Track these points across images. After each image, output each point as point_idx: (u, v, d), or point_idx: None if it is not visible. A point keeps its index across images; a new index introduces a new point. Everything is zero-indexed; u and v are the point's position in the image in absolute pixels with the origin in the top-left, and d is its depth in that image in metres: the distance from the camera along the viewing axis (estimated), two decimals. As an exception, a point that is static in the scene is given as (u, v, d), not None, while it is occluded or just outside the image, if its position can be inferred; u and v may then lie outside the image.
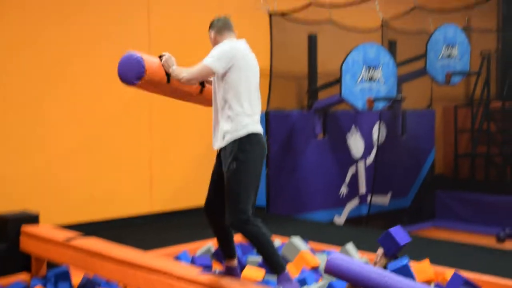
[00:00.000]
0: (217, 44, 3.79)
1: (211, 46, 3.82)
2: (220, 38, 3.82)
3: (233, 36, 3.85)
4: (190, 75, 3.67)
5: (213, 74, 3.69)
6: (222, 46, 3.70)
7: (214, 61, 3.63)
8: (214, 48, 3.74)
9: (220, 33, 3.83)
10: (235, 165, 3.59)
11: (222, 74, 3.66)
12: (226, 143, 3.66)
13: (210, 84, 3.97)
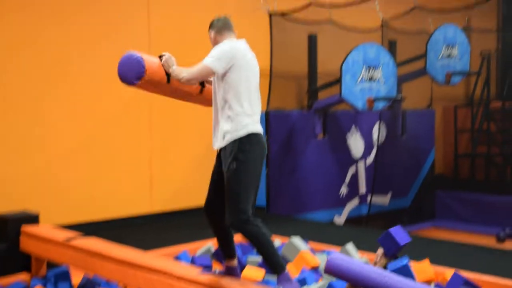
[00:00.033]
0: (217, 44, 3.79)
1: (211, 46, 3.82)
2: (220, 38, 3.82)
3: (233, 36, 3.85)
4: (190, 75, 3.67)
5: (213, 74, 3.69)
6: (222, 46, 3.70)
7: (214, 61, 3.63)
8: (214, 48, 3.73)
9: (220, 33, 3.83)
10: (235, 165, 3.59)
11: (222, 74, 3.66)
12: (226, 143, 3.66)
13: (210, 84, 3.96)
